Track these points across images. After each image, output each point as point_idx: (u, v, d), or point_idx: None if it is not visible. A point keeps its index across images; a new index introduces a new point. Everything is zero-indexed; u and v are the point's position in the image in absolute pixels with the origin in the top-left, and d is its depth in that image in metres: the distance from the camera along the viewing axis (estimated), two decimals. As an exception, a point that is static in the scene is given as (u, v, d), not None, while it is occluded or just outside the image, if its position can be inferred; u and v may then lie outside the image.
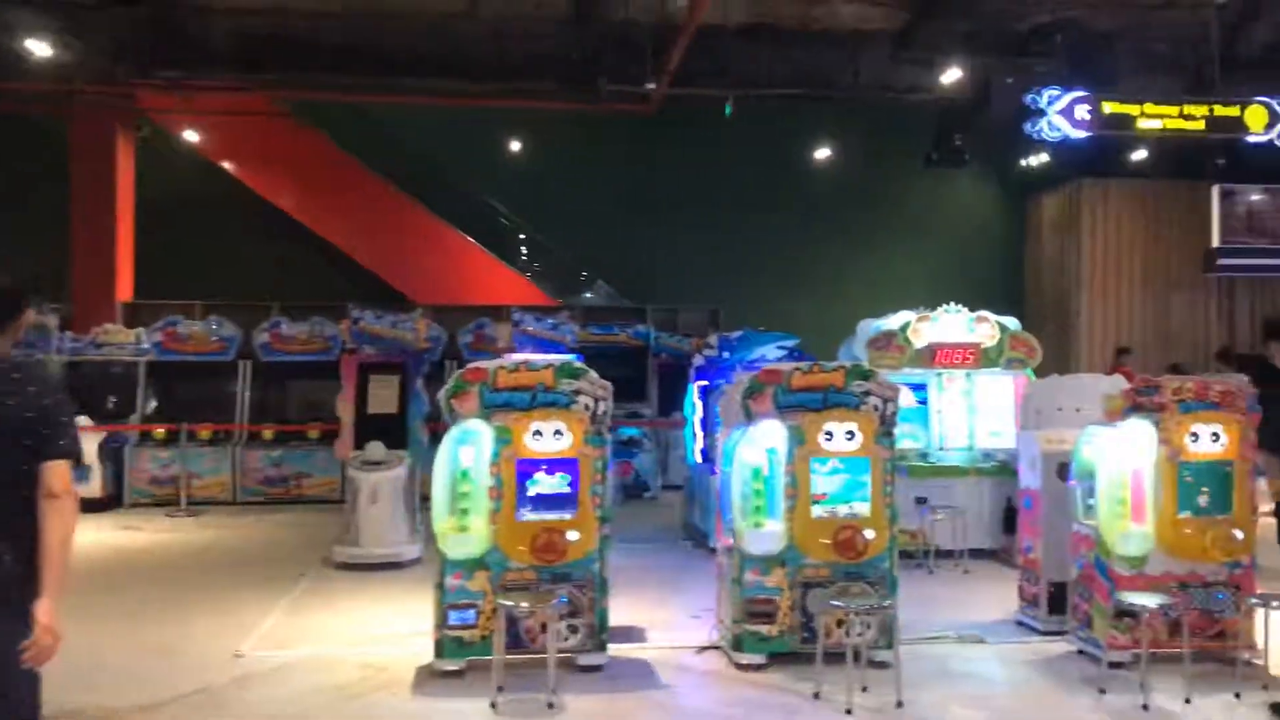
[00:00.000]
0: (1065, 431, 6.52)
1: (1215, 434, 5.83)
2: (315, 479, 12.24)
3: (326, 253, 16.58)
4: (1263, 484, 6.20)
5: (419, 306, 13.56)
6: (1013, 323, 9.70)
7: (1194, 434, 5.82)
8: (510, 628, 5.64)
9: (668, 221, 17.14)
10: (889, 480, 5.92)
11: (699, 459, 9.97)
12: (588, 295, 18.04)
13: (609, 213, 16.98)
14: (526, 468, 5.73)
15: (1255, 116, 11.89)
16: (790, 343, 9.81)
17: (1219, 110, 11.90)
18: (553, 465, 5.75)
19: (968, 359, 9.50)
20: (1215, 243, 16.52)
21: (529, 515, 5.71)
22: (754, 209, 17.29)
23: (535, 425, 5.71)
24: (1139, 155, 16.43)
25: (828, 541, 5.75)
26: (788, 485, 5.84)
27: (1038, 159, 17.74)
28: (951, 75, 14.20)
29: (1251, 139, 12.05)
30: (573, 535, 5.66)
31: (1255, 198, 16.58)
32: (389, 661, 5.98)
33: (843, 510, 5.88)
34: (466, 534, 5.67)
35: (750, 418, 5.92)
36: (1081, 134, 11.73)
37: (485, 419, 5.74)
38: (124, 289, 14.87)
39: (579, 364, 5.95)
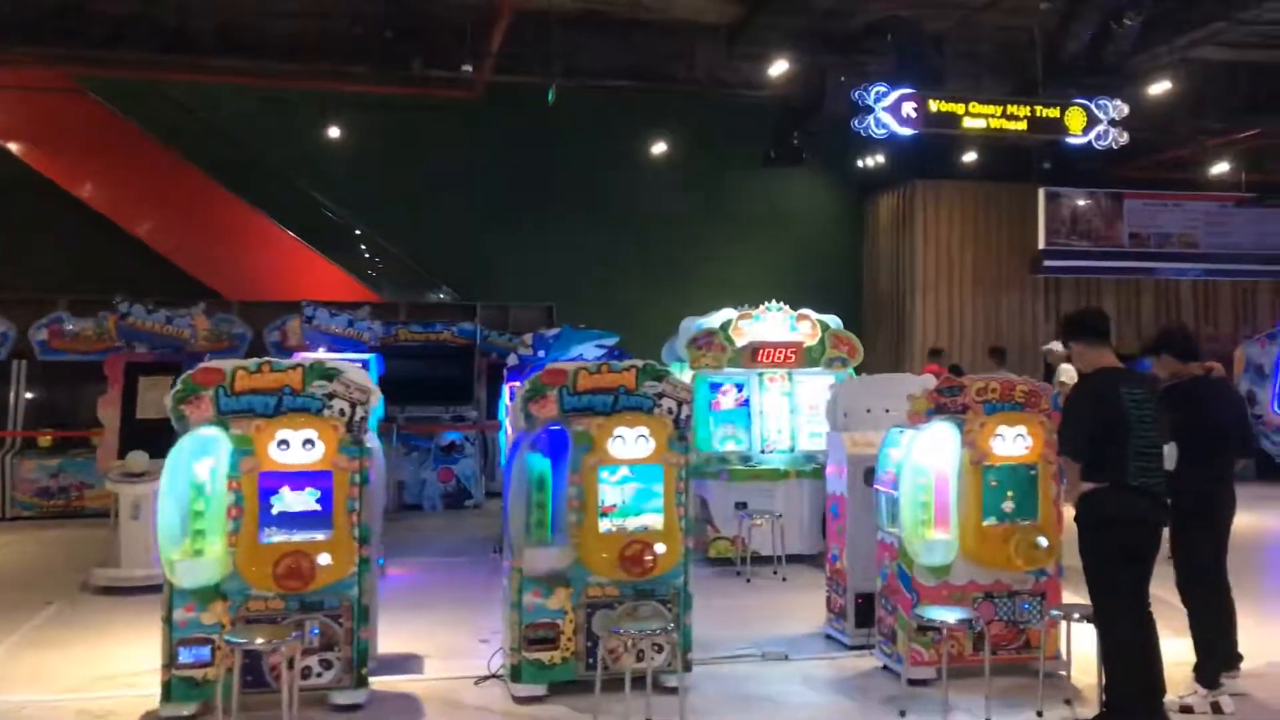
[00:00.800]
0: (872, 434, 6.21)
1: (1019, 435, 5.58)
2: (99, 490, 11.06)
3: (130, 245, 15.28)
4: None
5: (202, 302, 12.39)
6: (834, 321, 9.44)
7: (999, 435, 5.56)
8: (252, 665, 4.94)
9: (503, 216, 16.48)
10: (682, 489, 5.45)
11: (513, 465, 9.38)
12: (440, 296, 17.16)
13: (441, 207, 16.20)
14: (271, 482, 5.04)
15: (1074, 118, 12.03)
16: (610, 341, 9.32)
17: (1041, 111, 12.00)
18: (302, 479, 5.07)
19: (789, 358, 9.19)
20: (1041, 244, 16.90)
21: (274, 536, 5.02)
22: (591, 204, 16.81)
23: (282, 434, 5.03)
24: (970, 156, 16.62)
25: (614, 558, 5.24)
26: (573, 497, 5.31)
27: (874, 159, 17.84)
28: (785, 71, 13.98)
29: (1071, 140, 12.20)
30: (324, 558, 4.99)
31: (1080, 202, 17.03)
32: (114, 707, 5.20)
33: (632, 523, 5.38)
34: (200, 559, 4.95)
35: (531, 423, 5.37)
36: (908, 131, 11.65)
37: (222, 426, 5.02)
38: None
39: (334, 364, 5.27)
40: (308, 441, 5.04)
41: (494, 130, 15.73)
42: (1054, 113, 11.96)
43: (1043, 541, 5.52)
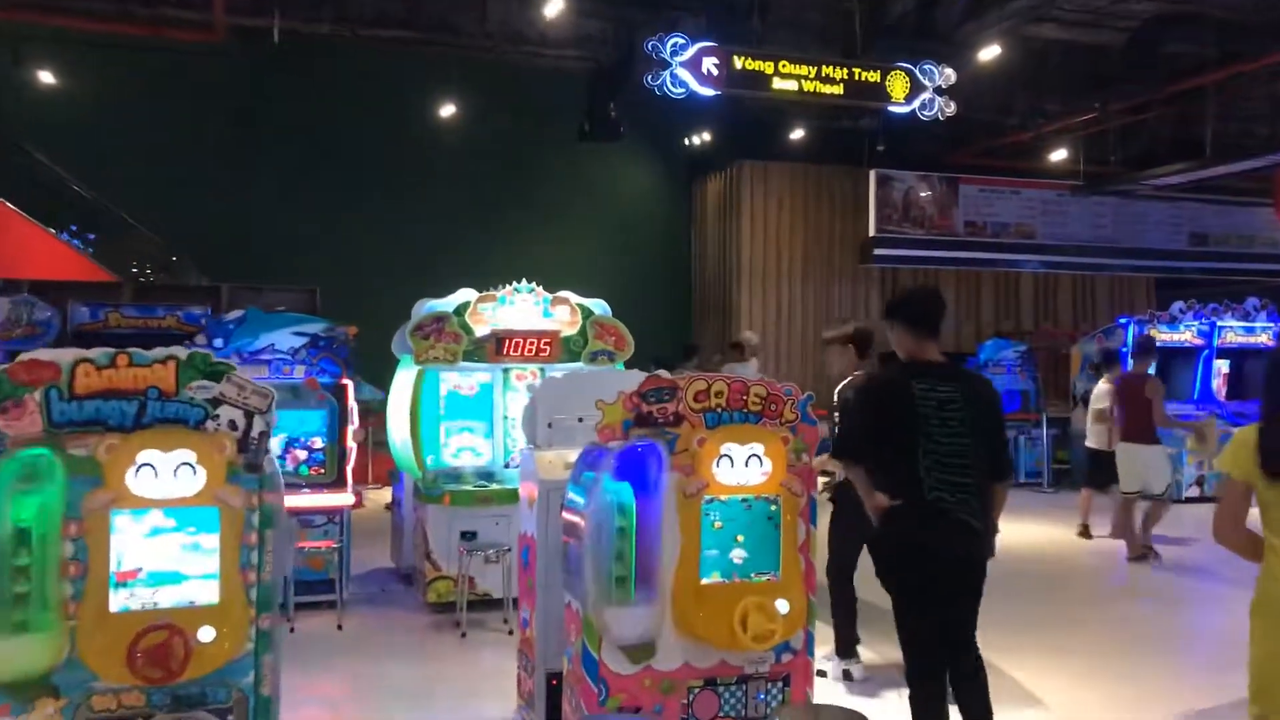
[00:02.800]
0: (574, 452, 4.52)
1: (754, 457, 3.98)
2: None
3: None
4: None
5: None
6: (599, 306, 7.78)
7: (725, 457, 3.94)
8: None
9: (263, 185, 14.32)
10: (254, 542, 3.64)
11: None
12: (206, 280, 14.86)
13: (192, 173, 13.94)
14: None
15: (897, 84, 10.72)
16: (315, 327, 7.44)
17: (860, 74, 10.65)
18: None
19: (543, 351, 7.50)
20: (871, 231, 15.72)
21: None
22: (373, 176, 14.82)
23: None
24: (799, 135, 15.29)
25: (124, 653, 3.40)
26: (69, 559, 3.44)
27: (700, 137, 16.40)
28: (585, 28, 12.35)
29: (893, 108, 10.89)
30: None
31: (913, 185, 15.90)
32: None
33: (169, 596, 3.56)
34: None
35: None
36: (709, 91, 10.13)
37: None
38: None
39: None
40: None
41: (266, 87, 13.59)
42: (874, 77, 10.61)
43: (783, 605, 3.94)
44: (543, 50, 13.05)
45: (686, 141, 16.61)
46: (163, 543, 3.54)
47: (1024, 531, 10.10)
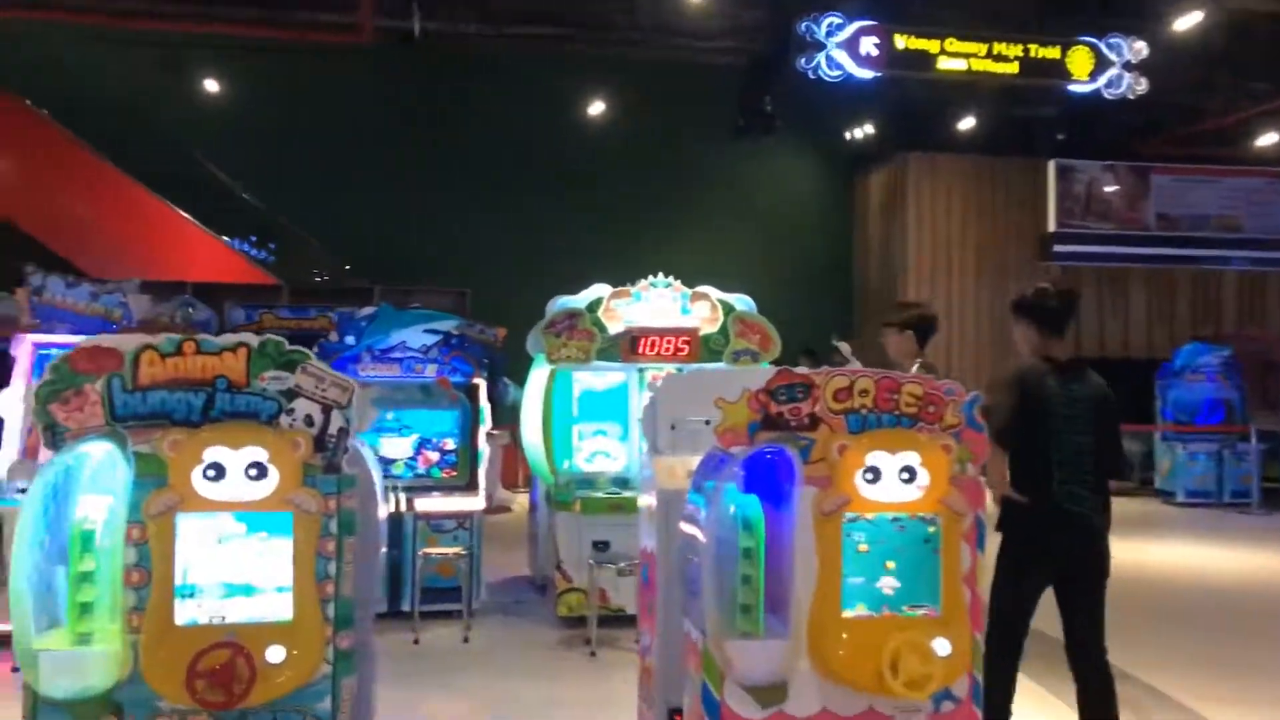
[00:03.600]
0: (698, 459, 3.98)
1: (908, 469, 3.34)
2: None
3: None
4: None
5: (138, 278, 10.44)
6: (743, 302, 7.22)
7: (871, 470, 3.33)
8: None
9: (414, 186, 14.33)
10: (332, 551, 3.26)
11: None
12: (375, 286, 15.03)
13: (343, 175, 14.08)
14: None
15: (1079, 59, 9.75)
16: (448, 325, 7.18)
17: (1036, 51, 9.74)
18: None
19: (681, 350, 6.99)
20: (1051, 226, 14.56)
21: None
22: (524, 176, 14.62)
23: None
24: (970, 124, 14.30)
25: (184, 673, 3.06)
26: (132, 565, 3.14)
27: (863, 130, 15.60)
28: (740, 16, 11.81)
29: (1075, 88, 9.91)
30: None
31: (1097, 175, 14.64)
32: None
33: (237, 610, 3.21)
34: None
35: (55, 437, 3.20)
36: (867, 73, 9.46)
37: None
38: None
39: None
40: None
41: (404, 86, 13.61)
42: (1053, 53, 9.69)
43: (943, 646, 3.29)
44: (694, 43, 12.63)
45: (847, 134, 15.84)
46: (231, 550, 3.20)
47: (1227, 558, 8.95)
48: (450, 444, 7.09)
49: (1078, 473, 4.03)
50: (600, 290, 7.02)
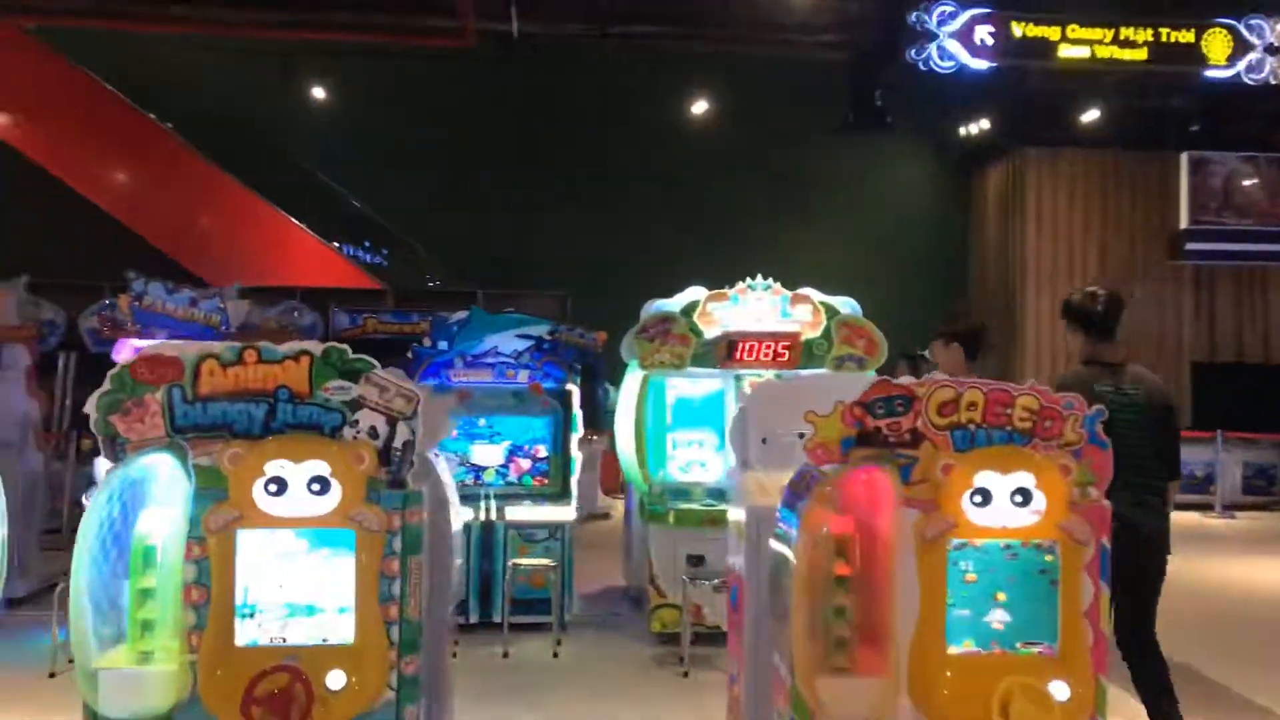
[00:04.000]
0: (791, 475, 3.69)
1: (1022, 491, 3.00)
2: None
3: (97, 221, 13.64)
4: None
5: (237, 283, 10.69)
6: (847, 304, 6.87)
7: (980, 492, 2.99)
8: None
9: (520, 191, 14.29)
10: (395, 571, 3.09)
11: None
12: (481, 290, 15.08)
13: (444, 179, 14.11)
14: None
15: (1215, 43, 9.09)
16: (539, 329, 7.01)
17: (1168, 35, 9.10)
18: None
19: (781, 355, 6.69)
20: (1183, 224, 13.71)
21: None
22: (624, 177, 14.43)
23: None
24: (1092, 117, 13.56)
25: (240, 696, 2.93)
26: (192, 582, 3.02)
27: (978, 125, 14.98)
28: (847, 9, 11.42)
29: (1211, 73, 9.23)
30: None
31: (1236, 168, 13.73)
32: None
33: (299, 632, 3.06)
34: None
35: (115, 449, 3.10)
36: (982, 64, 8.99)
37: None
38: None
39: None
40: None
41: (505, 89, 13.57)
42: (1186, 36, 9.06)
43: (1060, 689, 2.94)
44: (799, 37, 12.27)
45: (961, 129, 15.22)
46: (292, 568, 3.05)
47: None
48: (542, 451, 6.94)
49: (1135, 475, 3.99)
50: (696, 293, 6.76)
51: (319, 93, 12.32)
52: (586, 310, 12.04)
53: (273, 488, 2.96)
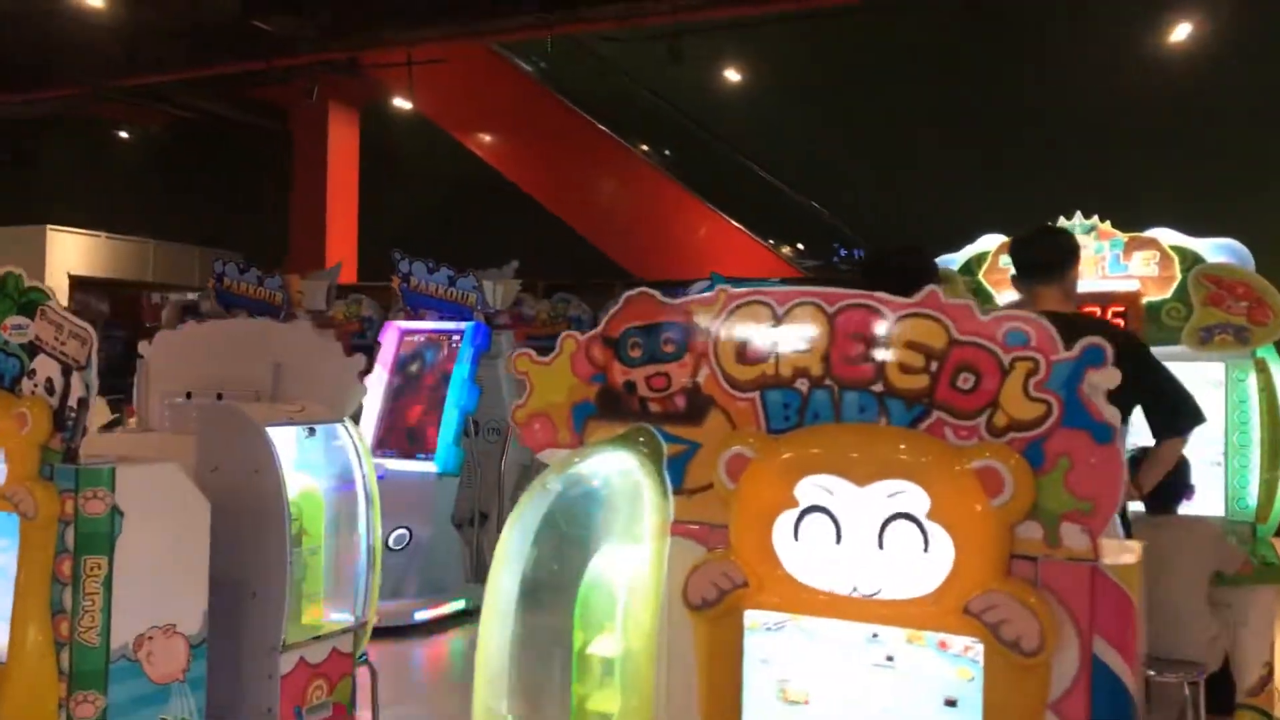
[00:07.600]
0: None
1: (905, 522, 1.40)
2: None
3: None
4: None
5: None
6: (1222, 250, 4.58)
7: (815, 519, 1.46)
8: None
9: (936, 164, 12.33)
10: (67, 574, 2.28)
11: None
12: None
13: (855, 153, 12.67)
14: None
15: None
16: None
17: None
18: None
19: (1112, 323, 4.65)
20: None
21: None
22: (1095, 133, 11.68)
23: None
24: None
25: None
26: None
27: None
28: None
29: None
30: None
31: None
32: None
33: None
34: None
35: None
36: None
37: None
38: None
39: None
40: None
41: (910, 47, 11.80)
42: None
43: None
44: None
45: None
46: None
47: None
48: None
49: None
50: (986, 243, 4.96)
51: (733, 76, 11.70)
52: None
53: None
